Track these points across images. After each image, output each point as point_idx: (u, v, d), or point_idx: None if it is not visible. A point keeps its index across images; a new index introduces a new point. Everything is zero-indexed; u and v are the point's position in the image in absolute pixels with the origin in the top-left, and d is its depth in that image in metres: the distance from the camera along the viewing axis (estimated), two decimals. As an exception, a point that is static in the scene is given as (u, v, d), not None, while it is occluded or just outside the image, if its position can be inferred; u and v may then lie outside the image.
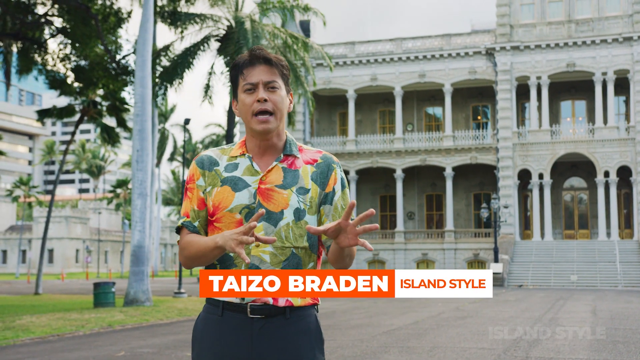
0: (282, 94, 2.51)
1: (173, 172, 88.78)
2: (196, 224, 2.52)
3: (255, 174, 2.50)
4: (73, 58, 31.66)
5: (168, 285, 41.43)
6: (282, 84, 2.53)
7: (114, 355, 11.02)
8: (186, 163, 76.69)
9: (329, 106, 51.57)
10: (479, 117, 50.55)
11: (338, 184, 2.56)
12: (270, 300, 2.40)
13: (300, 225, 2.45)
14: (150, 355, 10.91)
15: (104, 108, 35.96)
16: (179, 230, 2.55)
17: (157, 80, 28.57)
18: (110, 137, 38.34)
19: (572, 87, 47.56)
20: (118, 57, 31.41)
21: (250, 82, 2.49)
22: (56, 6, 29.45)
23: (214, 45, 30.69)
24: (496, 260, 41.07)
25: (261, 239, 2.27)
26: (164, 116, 69.35)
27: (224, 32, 30.47)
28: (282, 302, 2.41)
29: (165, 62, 29.87)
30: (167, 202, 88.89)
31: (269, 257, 2.43)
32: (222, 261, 2.48)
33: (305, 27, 50.26)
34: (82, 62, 31.66)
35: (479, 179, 49.21)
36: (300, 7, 30.91)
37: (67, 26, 30.06)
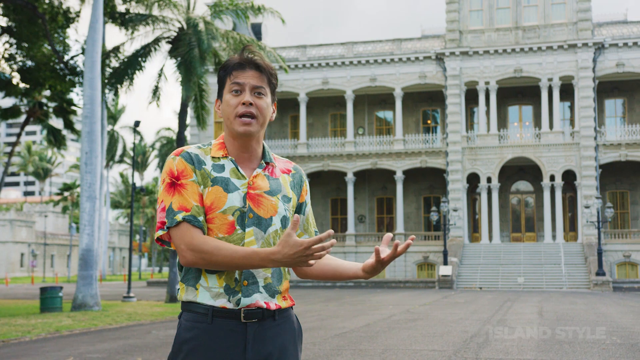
0: (267, 101, 2.53)
1: (122, 175, 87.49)
2: (201, 218, 2.41)
3: (241, 177, 2.50)
4: (19, 58, 30.98)
5: (117, 290, 40.80)
6: (268, 92, 2.54)
7: (63, 361, 10.81)
8: (136, 166, 75.60)
9: (280, 109, 51.52)
10: (429, 122, 51.13)
11: (308, 195, 2.69)
12: (264, 305, 2.46)
13: None
14: (100, 361, 10.74)
15: (51, 109, 35.28)
16: (171, 225, 2.39)
17: (106, 81, 28.12)
18: (56, 140, 37.64)
19: (519, 93, 48.50)
20: (66, 57, 30.85)
21: (238, 82, 2.49)
22: (1, 5, 28.78)
23: (165, 47, 30.36)
24: (445, 262, 41.57)
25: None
26: (114, 118, 68.34)
27: (175, 33, 30.18)
28: (273, 306, 2.48)
29: (115, 63, 29.41)
30: (115, 205, 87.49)
31: None
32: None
33: (256, 30, 50.14)
34: (29, 63, 31.00)
35: (428, 183, 49.78)
36: (254, 8, 30.76)
37: (13, 25, 29.40)
